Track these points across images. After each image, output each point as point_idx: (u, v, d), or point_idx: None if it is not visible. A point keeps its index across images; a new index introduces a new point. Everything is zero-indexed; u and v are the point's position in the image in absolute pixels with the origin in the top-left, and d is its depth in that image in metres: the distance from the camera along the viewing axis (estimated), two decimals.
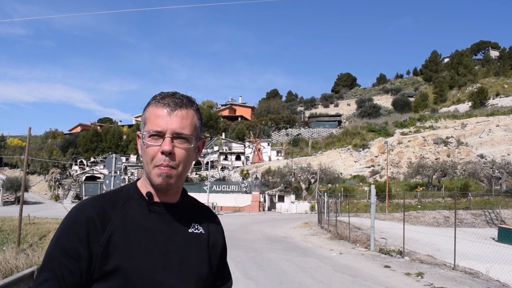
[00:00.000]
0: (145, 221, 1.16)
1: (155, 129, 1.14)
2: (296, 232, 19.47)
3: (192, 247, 1.21)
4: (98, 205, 1.15)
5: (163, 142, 1.13)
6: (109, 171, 12.69)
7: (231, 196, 39.63)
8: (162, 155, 1.13)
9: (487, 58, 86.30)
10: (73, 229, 1.10)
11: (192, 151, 1.19)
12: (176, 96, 1.19)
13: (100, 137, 65.13)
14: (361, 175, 45.14)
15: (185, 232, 1.22)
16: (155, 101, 1.18)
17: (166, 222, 1.19)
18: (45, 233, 19.44)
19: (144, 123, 1.18)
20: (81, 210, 1.14)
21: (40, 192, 50.58)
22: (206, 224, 1.30)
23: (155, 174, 1.14)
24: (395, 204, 30.88)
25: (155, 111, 1.16)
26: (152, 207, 1.19)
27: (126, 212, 1.16)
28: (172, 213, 1.21)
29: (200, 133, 1.23)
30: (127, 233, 1.12)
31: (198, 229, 1.25)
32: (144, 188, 1.22)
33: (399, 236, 13.59)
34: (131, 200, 1.19)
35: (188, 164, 1.19)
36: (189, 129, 1.16)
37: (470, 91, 67.63)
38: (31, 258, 9.08)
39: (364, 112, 69.90)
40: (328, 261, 11.19)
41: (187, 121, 1.16)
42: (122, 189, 1.25)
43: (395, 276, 9.20)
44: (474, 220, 26.76)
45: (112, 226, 1.11)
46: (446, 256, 11.56)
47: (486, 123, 50.02)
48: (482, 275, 9.40)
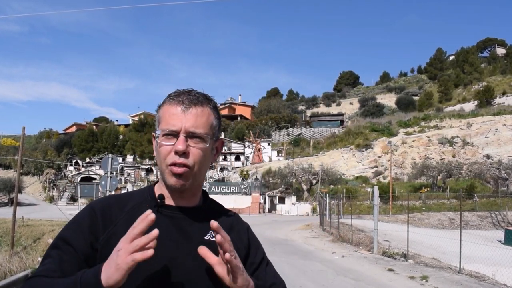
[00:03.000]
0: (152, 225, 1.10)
1: (169, 127, 1.11)
2: (297, 235, 19.47)
3: None
4: (107, 205, 1.15)
5: (177, 141, 1.10)
6: (105, 172, 12.71)
7: (230, 198, 39.58)
8: (176, 154, 1.10)
9: (493, 55, 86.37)
10: (77, 223, 1.12)
11: (208, 151, 1.15)
12: (192, 93, 1.16)
13: (96, 137, 65.13)
14: (364, 176, 45.13)
15: (200, 240, 1.13)
16: (170, 99, 1.15)
17: (178, 227, 1.14)
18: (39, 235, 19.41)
19: (159, 122, 1.16)
20: (90, 206, 1.16)
21: (34, 194, 50.56)
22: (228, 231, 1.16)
23: (168, 174, 1.11)
24: (399, 206, 30.86)
25: (170, 109, 1.13)
26: (163, 210, 1.14)
27: (133, 215, 1.10)
28: (186, 217, 1.16)
29: (218, 132, 1.20)
30: None
31: None
32: (159, 190, 1.19)
33: (403, 238, 13.60)
34: (144, 203, 1.17)
35: (204, 165, 1.15)
36: (205, 128, 1.13)
37: (476, 90, 67.62)
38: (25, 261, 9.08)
39: (367, 111, 69.93)
40: (330, 264, 11.19)
41: (203, 119, 1.13)
42: (140, 191, 1.24)
43: (399, 279, 9.20)
44: (480, 222, 26.75)
45: (114, 228, 1.10)
46: (452, 259, 11.56)
47: (493, 123, 50.02)
48: (489, 279, 9.40)
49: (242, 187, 41.03)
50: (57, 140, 69.45)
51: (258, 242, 1.32)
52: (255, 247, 1.28)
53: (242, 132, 59.17)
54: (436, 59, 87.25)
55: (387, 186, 32.67)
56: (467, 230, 21.27)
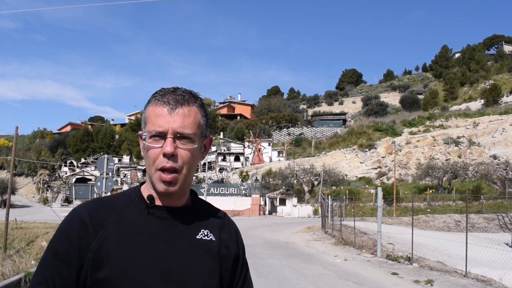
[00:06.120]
0: (143, 226, 1.13)
1: (156, 129, 1.11)
2: (299, 237, 19.48)
3: (198, 256, 1.14)
4: (94, 209, 1.14)
5: (165, 143, 1.10)
6: (100, 173, 12.71)
7: (229, 199, 39.60)
8: (164, 157, 1.11)
9: (500, 53, 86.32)
10: (66, 233, 1.11)
11: (197, 151, 1.16)
12: (177, 92, 1.15)
13: (91, 137, 65.19)
14: (367, 177, 45.16)
15: (191, 239, 1.16)
16: (155, 99, 1.15)
17: (168, 227, 1.14)
18: (33, 238, 19.41)
19: (145, 123, 1.16)
20: (76, 213, 1.14)
21: (28, 195, 50.60)
22: (218, 230, 1.22)
23: (157, 179, 1.12)
24: (403, 208, 30.89)
25: (155, 110, 1.13)
26: (153, 211, 1.15)
27: (123, 217, 1.13)
28: (176, 217, 1.17)
29: (205, 130, 1.20)
30: (122, 239, 1.09)
31: (207, 236, 1.18)
32: (147, 191, 1.19)
33: (408, 241, 13.59)
34: (131, 204, 1.17)
35: (193, 166, 1.16)
36: (192, 128, 1.14)
37: (482, 88, 67.66)
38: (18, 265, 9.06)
39: (370, 110, 69.94)
40: (332, 268, 11.19)
41: (190, 119, 1.13)
42: (124, 193, 1.23)
43: (403, 283, 9.20)
44: (486, 225, 26.76)
45: (105, 232, 1.10)
46: (457, 262, 11.56)
47: (500, 122, 50.04)
48: (495, 283, 9.41)
49: (242, 189, 41.03)
50: (51, 140, 69.51)
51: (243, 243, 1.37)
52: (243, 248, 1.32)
53: (241, 132, 59.20)
54: (441, 57, 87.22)
55: (391, 188, 32.69)
56: (473, 232, 21.26)
